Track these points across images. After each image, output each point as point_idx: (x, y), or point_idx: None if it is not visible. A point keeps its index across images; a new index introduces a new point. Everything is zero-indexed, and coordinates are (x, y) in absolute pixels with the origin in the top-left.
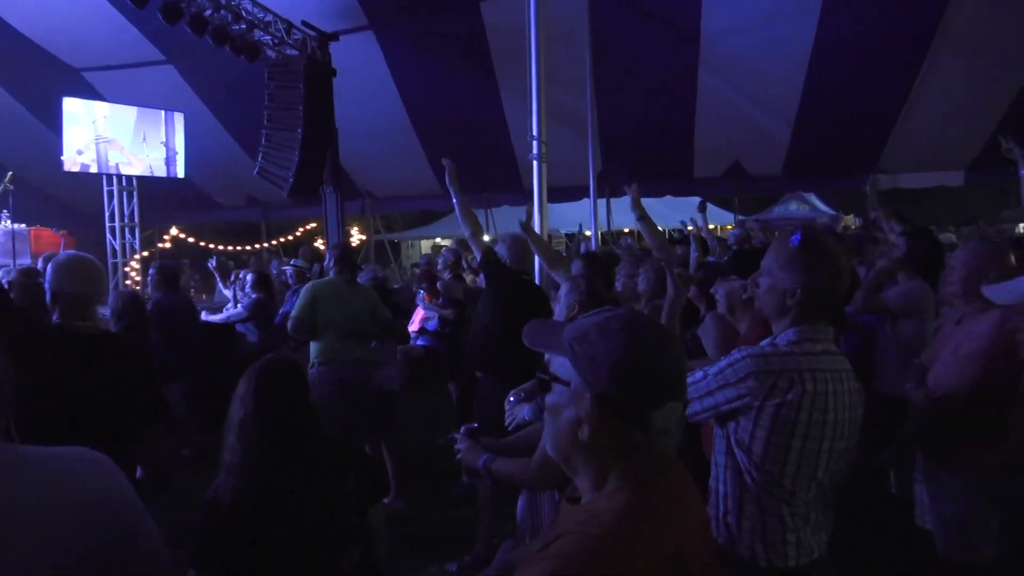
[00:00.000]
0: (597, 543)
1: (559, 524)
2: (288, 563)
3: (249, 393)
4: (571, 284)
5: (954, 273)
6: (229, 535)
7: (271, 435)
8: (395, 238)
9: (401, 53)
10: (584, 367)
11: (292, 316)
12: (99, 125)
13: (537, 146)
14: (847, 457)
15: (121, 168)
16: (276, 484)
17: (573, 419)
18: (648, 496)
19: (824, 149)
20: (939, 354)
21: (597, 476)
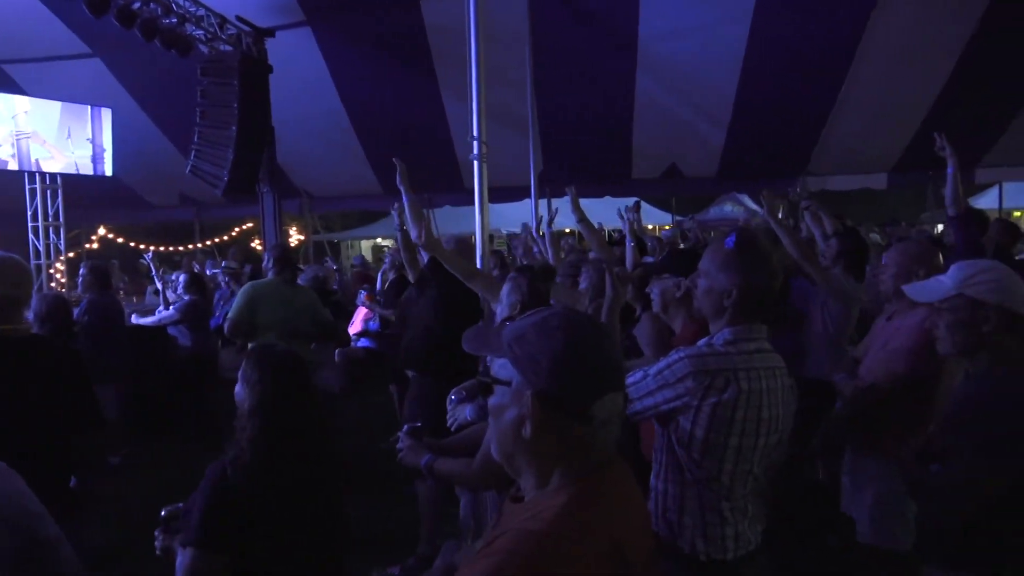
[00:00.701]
0: (539, 539)
1: (503, 522)
2: (291, 547)
3: (259, 379)
4: (512, 284)
5: (887, 271)
6: (237, 514)
7: (280, 421)
8: (334, 238)
9: (340, 50)
10: (524, 366)
11: (229, 317)
12: (19, 120)
13: (478, 146)
14: (781, 449)
15: (43, 165)
16: (284, 469)
17: (515, 418)
18: (590, 492)
19: (757, 152)
20: (870, 348)
21: (540, 474)
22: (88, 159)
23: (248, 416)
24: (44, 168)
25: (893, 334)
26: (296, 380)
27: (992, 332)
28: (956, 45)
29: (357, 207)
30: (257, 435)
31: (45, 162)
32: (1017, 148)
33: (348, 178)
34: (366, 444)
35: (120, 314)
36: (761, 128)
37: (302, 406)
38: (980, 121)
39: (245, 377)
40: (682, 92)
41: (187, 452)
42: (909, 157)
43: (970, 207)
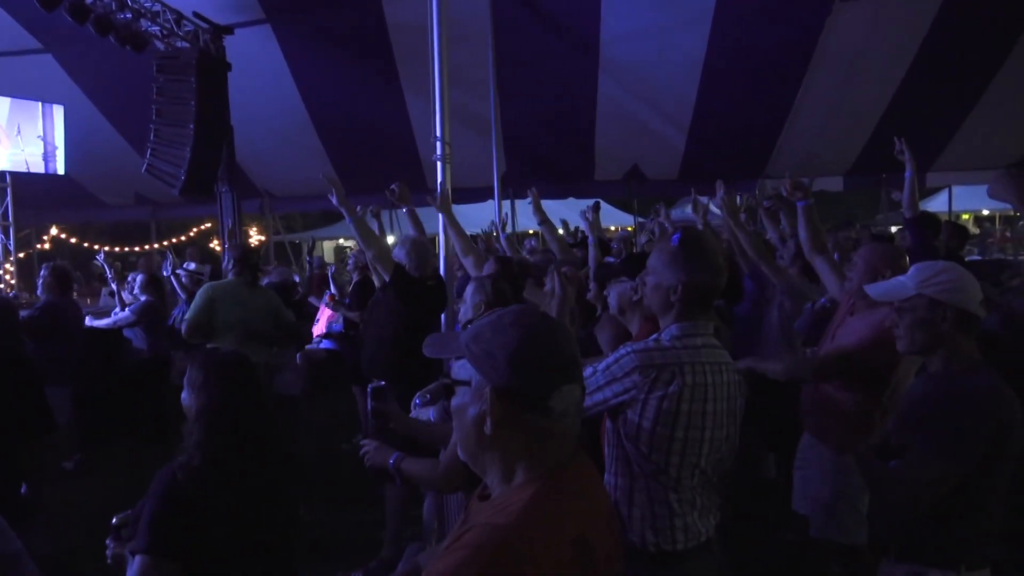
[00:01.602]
0: (505, 533)
1: (469, 519)
2: (244, 551)
3: (204, 383)
4: (477, 284)
5: (855, 269)
6: (187, 519)
7: (228, 424)
8: (295, 239)
9: (300, 49)
10: (482, 363)
11: (187, 318)
12: None
13: (441, 147)
14: (730, 444)
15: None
16: (235, 472)
17: (477, 415)
18: (554, 486)
19: (717, 155)
20: (826, 339)
21: (504, 469)
22: (39, 157)
23: (194, 420)
24: None
25: (850, 329)
26: (241, 382)
27: (949, 331)
28: (908, 51)
29: (319, 207)
30: (204, 439)
31: None
32: (966, 152)
33: (309, 178)
34: (328, 446)
35: (77, 317)
36: (721, 131)
37: (249, 408)
38: (931, 126)
39: (190, 381)
40: (644, 94)
41: (142, 457)
42: (864, 160)
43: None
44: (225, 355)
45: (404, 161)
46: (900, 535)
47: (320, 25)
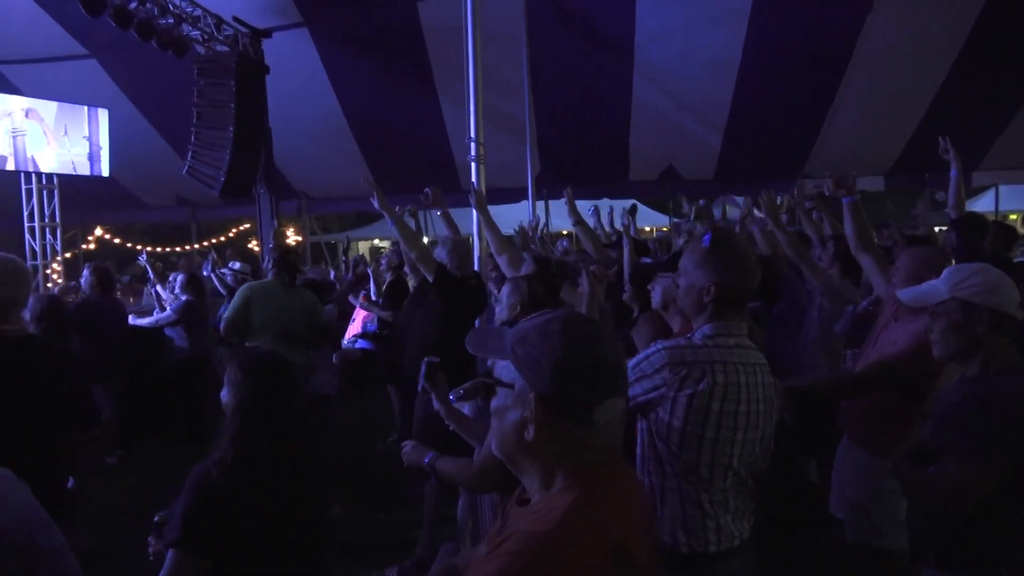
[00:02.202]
0: (544, 540)
1: (509, 525)
2: (274, 549)
3: (240, 381)
4: (512, 285)
5: (898, 274)
6: (219, 515)
7: (262, 422)
8: (331, 239)
9: (337, 51)
10: (526, 368)
11: (225, 318)
12: (15, 117)
13: (475, 148)
14: (764, 446)
15: (40, 162)
16: (267, 470)
17: (518, 420)
18: (593, 493)
19: (753, 155)
20: (868, 345)
21: (544, 475)
22: (85, 157)
23: (230, 417)
24: (40, 165)
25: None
26: (277, 381)
27: (985, 334)
28: (952, 47)
29: (354, 208)
30: (238, 436)
31: (41, 159)
32: (1013, 151)
33: (345, 179)
34: (363, 446)
35: (120, 315)
36: (757, 131)
37: (283, 408)
38: (977, 124)
39: (228, 379)
40: (678, 94)
41: (181, 454)
42: (906, 159)
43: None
44: (262, 354)
45: (438, 162)
46: (939, 542)
47: (355, 27)
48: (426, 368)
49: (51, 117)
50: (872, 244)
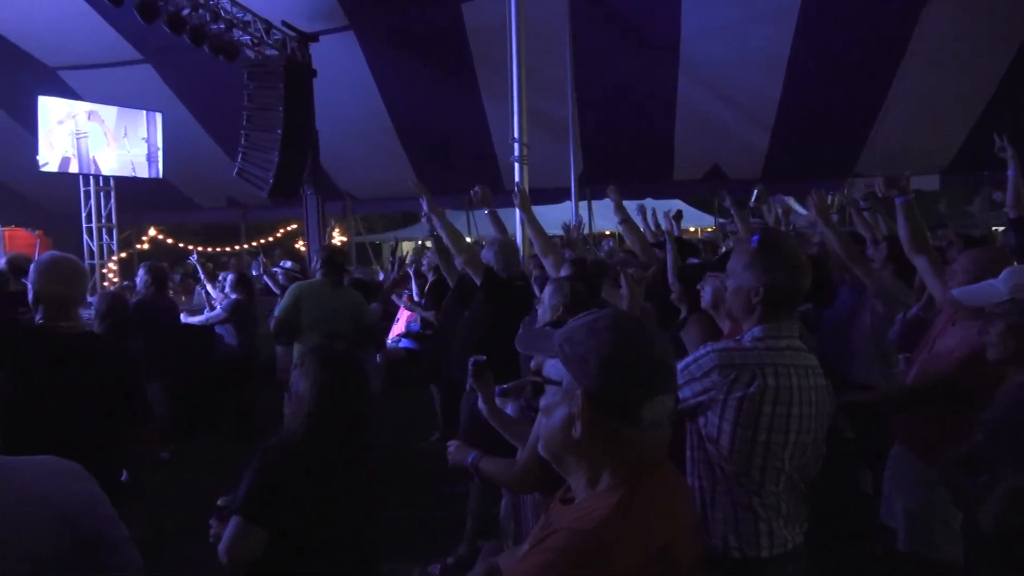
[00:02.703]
0: (589, 538)
1: (552, 522)
2: (328, 532)
3: (314, 372)
4: (555, 286)
5: (956, 276)
6: (281, 492)
7: (328, 411)
8: (376, 239)
9: (382, 54)
10: (574, 366)
11: (275, 316)
12: (79, 120)
13: (518, 148)
14: (816, 450)
15: (101, 163)
16: (328, 456)
17: (565, 417)
18: (639, 493)
19: (802, 154)
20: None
21: (590, 474)
22: (143, 157)
23: (303, 404)
24: (101, 166)
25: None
26: (349, 376)
27: None
28: (1011, 41)
29: (399, 208)
30: (308, 421)
31: (102, 159)
32: None
33: (389, 180)
34: (405, 444)
35: (173, 313)
36: (806, 129)
37: (351, 401)
38: None
39: (303, 369)
40: (724, 92)
41: (229, 449)
42: (963, 158)
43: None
44: (339, 350)
45: (481, 162)
46: (994, 553)
47: (401, 30)
48: (474, 367)
49: (111, 119)
50: (927, 245)
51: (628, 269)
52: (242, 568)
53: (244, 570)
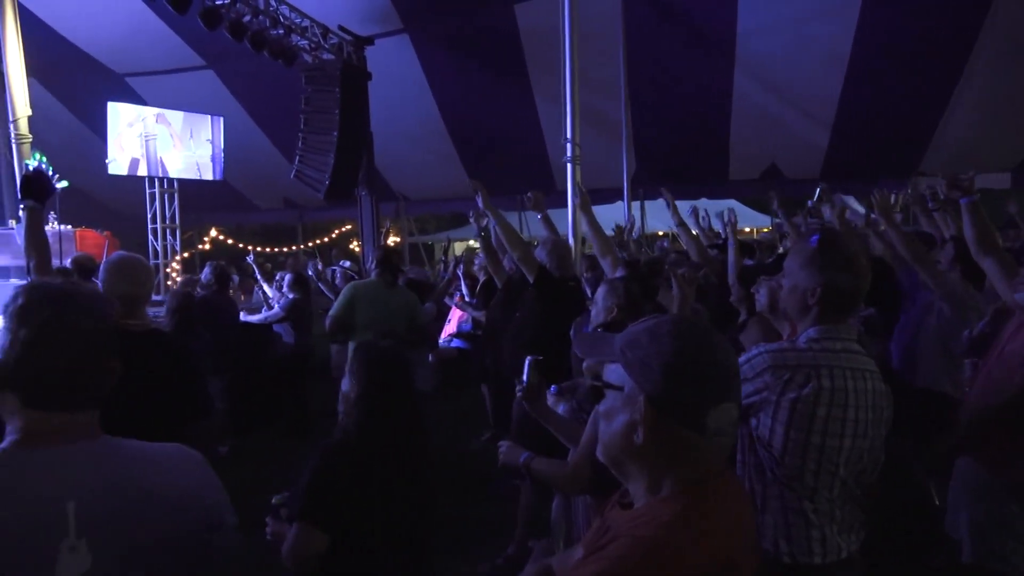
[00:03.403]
0: (651, 547)
1: (612, 528)
2: (386, 530)
3: (364, 372)
4: (609, 287)
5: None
6: (339, 493)
7: (382, 410)
8: (428, 239)
9: (435, 56)
10: (636, 371)
11: (330, 315)
12: (147, 123)
13: (571, 148)
14: (873, 456)
15: (168, 164)
16: (384, 455)
17: (627, 423)
18: (703, 502)
19: (863, 151)
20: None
21: (651, 480)
22: (208, 159)
23: (354, 404)
24: (168, 167)
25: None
26: (396, 373)
27: None
28: None
29: (451, 209)
30: (360, 422)
31: (169, 160)
32: None
33: (442, 181)
34: (455, 443)
35: (234, 312)
36: (868, 127)
37: (401, 398)
38: None
39: (351, 369)
40: (782, 90)
41: (286, 445)
42: None
43: None
44: (384, 348)
45: (533, 163)
46: None
47: (454, 32)
48: (529, 366)
49: (178, 122)
50: (995, 246)
51: (679, 270)
52: (306, 570)
53: (307, 572)
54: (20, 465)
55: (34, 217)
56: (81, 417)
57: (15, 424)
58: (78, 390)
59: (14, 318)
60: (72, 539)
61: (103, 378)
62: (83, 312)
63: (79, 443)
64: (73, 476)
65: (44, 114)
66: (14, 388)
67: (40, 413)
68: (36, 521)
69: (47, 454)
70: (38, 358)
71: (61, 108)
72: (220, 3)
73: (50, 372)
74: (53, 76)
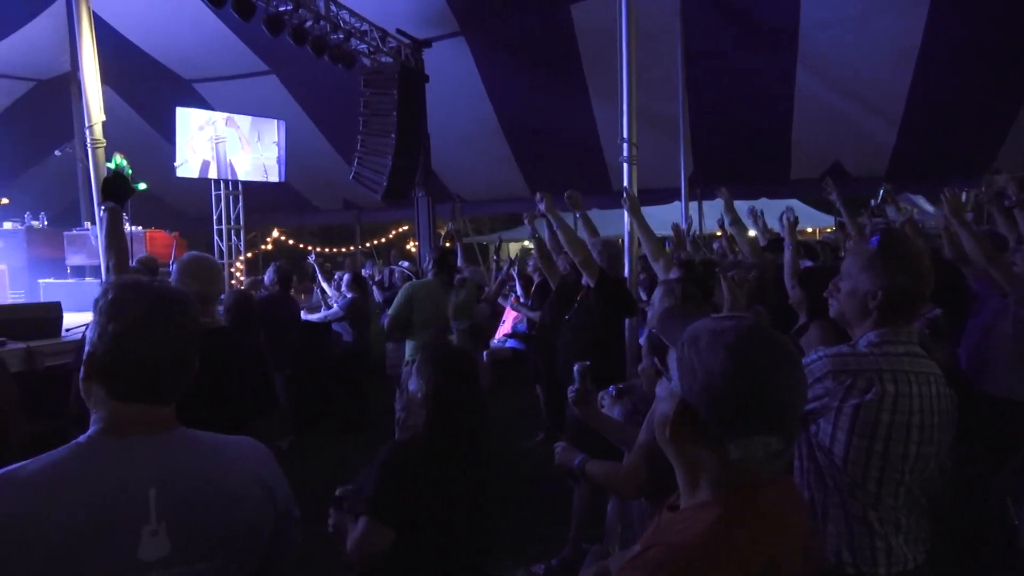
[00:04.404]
0: (686, 556)
1: (657, 532)
2: (452, 529)
3: (432, 372)
4: (665, 288)
5: None
6: (408, 491)
7: (451, 409)
8: (483, 240)
9: (491, 57)
10: (683, 370)
11: (389, 314)
12: (217, 126)
13: (627, 148)
14: (940, 463)
15: (236, 167)
16: (452, 454)
17: (663, 414)
18: (743, 510)
19: (933, 148)
20: None
21: (688, 475)
22: (274, 161)
23: (422, 403)
24: (237, 169)
25: None
26: (463, 373)
27: None
28: None
29: (506, 210)
30: (431, 420)
31: (237, 162)
32: None
33: (497, 181)
34: (509, 443)
35: (295, 311)
36: (938, 124)
37: (468, 397)
38: None
39: (419, 368)
40: (847, 86)
41: (344, 441)
42: None
43: None
44: (451, 348)
45: (589, 163)
46: None
47: (510, 34)
48: (579, 372)
49: (246, 126)
50: None
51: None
52: (370, 565)
53: (371, 567)
54: (106, 452)
55: (114, 218)
56: (162, 409)
57: (101, 414)
58: (161, 384)
59: (105, 312)
60: (153, 524)
61: (184, 373)
62: (172, 309)
63: (159, 434)
64: (154, 464)
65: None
66: (102, 379)
67: (125, 404)
68: (120, 505)
69: (130, 443)
70: (126, 352)
71: (131, 113)
72: (283, 9)
73: (136, 365)
74: (125, 83)
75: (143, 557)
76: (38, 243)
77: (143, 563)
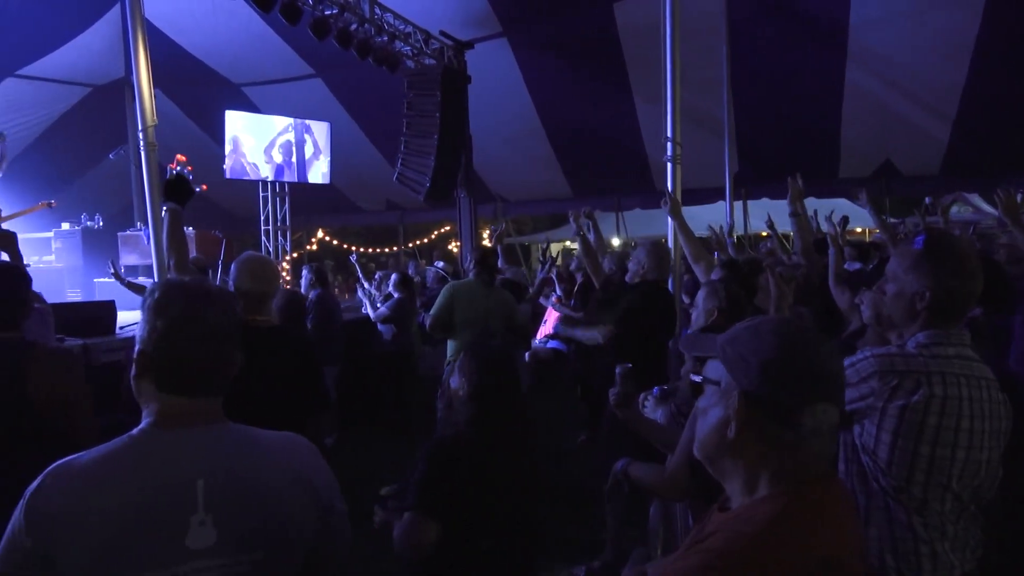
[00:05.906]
0: (748, 542)
1: (711, 525)
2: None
3: (475, 370)
4: (709, 289)
5: None
6: (452, 486)
7: (494, 406)
8: (525, 240)
9: (534, 58)
10: (734, 365)
11: (431, 314)
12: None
13: (671, 148)
14: (991, 470)
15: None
16: (496, 449)
17: (721, 418)
18: (804, 505)
19: (988, 146)
20: None
21: (747, 477)
22: (326, 165)
23: (464, 402)
24: (313, 174)
25: None
26: (506, 371)
27: None
28: None
29: (548, 210)
30: (474, 418)
31: (313, 167)
32: None
33: (539, 182)
34: (549, 443)
35: (337, 307)
36: (994, 120)
37: (511, 396)
38: None
39: (462, 368)
40: (899, 82)
41: (387, 439)
42: None
43: None
44: (494, 348)
45: (631, 163)
46: None
47: (553, 34)
48: (620, 375)
49: (297, 128)
50: None
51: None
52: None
53: (423, 560)
54: (156, 444)
55: (175, 219)
56: (208, 403)
57: (151, 407)
58: (206, 377)
59: (151, 310)
60: (201, 514)
61: (228, 368)
62: (213, 306)
63: (205, 426)
64: (201, 456)
65: (168, 123)
66: (151, 374)
67: (173, 398)
68: (169, 495)
69: (179, 435)
70: (172, 347)
71: (181, 116)
72: (328, 13)
73: (182, 360)
74: (176, 87)
75: (191, 545)
76: (94, 243)
77: (191, 551)
